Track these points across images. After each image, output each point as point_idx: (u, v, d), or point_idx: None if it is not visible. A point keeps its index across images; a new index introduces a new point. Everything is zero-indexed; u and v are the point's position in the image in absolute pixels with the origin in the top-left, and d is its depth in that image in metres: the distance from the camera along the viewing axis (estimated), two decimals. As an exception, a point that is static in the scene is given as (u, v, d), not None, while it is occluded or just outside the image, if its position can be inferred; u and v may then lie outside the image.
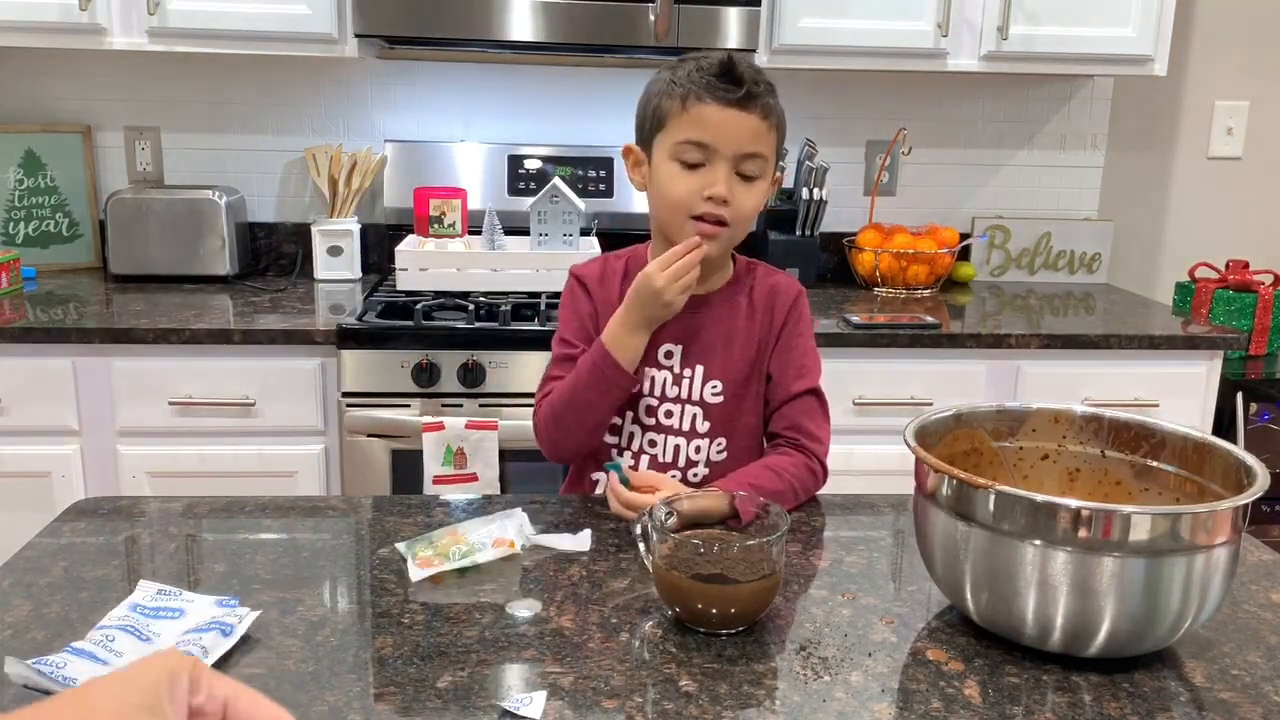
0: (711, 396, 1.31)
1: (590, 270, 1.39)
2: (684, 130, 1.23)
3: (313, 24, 2.18)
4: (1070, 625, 0.86)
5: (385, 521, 1.17)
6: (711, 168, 1.23)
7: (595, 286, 1.36)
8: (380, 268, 2.57)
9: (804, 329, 1.34)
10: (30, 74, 2.50)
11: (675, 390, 1.31)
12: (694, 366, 1.32)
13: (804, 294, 1.36)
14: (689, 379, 1.31)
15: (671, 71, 1.27)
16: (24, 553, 1.07)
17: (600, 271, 1.38)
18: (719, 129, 1.22)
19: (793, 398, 1.31)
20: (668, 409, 1.32)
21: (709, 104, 1.21)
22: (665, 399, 1.32)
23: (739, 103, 1.21)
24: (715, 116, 1.21)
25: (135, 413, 2.01)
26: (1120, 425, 1.05)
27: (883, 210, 2.71)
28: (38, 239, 2.50)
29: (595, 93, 2.62)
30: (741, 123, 1.22)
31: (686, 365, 1.32)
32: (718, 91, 1.21)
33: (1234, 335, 2.20)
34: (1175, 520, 0.83)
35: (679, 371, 1.32)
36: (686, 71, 1.24)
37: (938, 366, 2.14)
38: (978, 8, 2.30)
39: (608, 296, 1.35)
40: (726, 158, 1.22)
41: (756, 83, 1.22)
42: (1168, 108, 2.77)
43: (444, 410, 1.99)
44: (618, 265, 1.38)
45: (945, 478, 0.90)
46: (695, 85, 1.22)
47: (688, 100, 1.23)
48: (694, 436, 1.32)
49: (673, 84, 1.25)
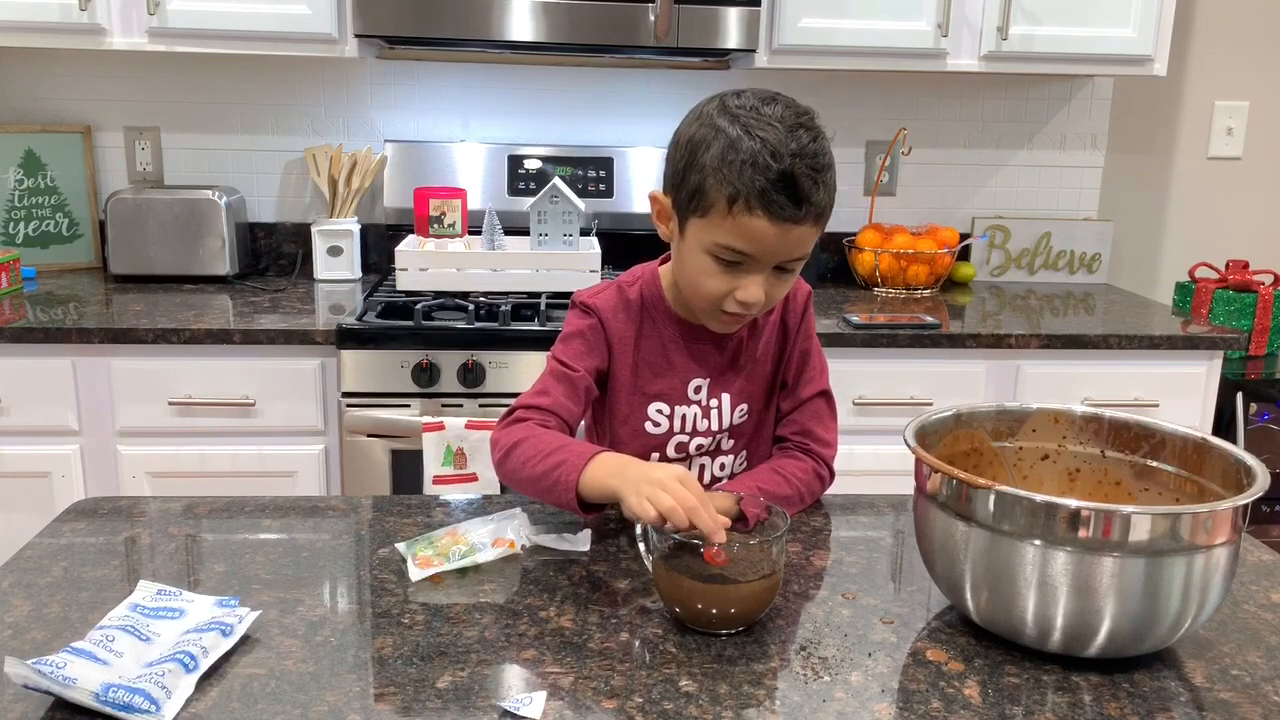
0: (739, 419, 1.28)
1: (604, 300, 1.26)
2: (726, 235, 1.09)
3: (313, 24, 2.18)
4: (1070, 625, 0.86)
5: (385, 522, 1.17)
6: (750, 272, 1.12)
7: (610, 318, 1.25)
8: (380, 268, 2.57)
9: (813, 330, 1.32)
10: (30, 74, 2.50)
11: (705, 423, 1.27)
12: (720, 395, 1.27)
13: (811, 293, 1.32)
14: (717, 408, 1.27)
15: (724, 140, 1.07)
16: (24, 553, 1.07)
17: (615, 302, 1.26)
18: (766, 243, 1.09)
19: (803, 402, 1.29)
20: (698, 442, 1.28)
21: (759, 217, 1.06)
22: (696, 433, 1.27)
23: (793, 219, 1.07)
24: (764, 231, 1.07)
25: (135, 413, 2.01)
26: (1120, 425, 1.05)
27: (883, 210, 2.71)
28: (38, 239, 2.50)
29: (595, 93, 2.62)
30: (791, 236, 1.08)
31: (714, 396, 1.27)
32: (773, 206, 1.06)
33: (1234, 335, 2.20)
34: (1175, 520, 0.83)
35: (707, 404, 1.27)
36: (741, 162, 1.06)
37: (938, 366, 2.14)
38: (978, 8, 2.31)
39: (622, 332, 1.25)
40: (769, 265, 1.11)
41: (816, 184, 1.07)
42: (1168, 108, 2.77)
43: (444, 410, 1.99)
44: (632, 295, 1.26)
45: (945, 478, 0.90)
46: (748, 191, 1.06)
47: (736, 205, 1.07)
48: (719, 454, 1.30)
49: (722, 173, 1.07)
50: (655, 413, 1.27)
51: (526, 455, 1.11)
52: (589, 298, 1.26)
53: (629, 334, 1.25)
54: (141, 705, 0.77)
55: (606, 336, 1.25)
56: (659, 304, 1.25)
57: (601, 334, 1.24)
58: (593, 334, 1.24)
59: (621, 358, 1.25)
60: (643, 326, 1.25)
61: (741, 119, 1.08)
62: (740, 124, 1.07)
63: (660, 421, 1.27)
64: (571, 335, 1.25)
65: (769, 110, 1.08)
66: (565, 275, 2.19)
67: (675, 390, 1.26)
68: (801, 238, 1.09)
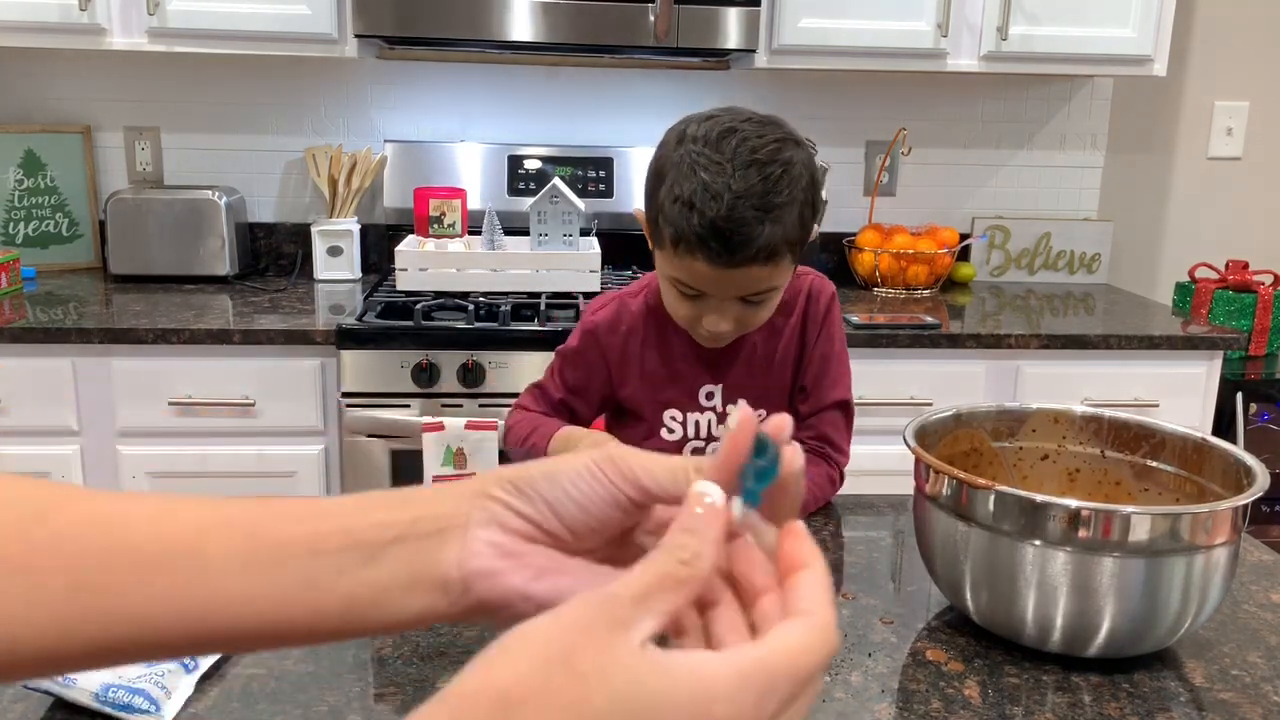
0: None
1: (603, 318, 1.28)
2: (676, 271, 1.10)
3: (313, 24, 2.18)
4: (1070, 625, 0.86)
5: (385, 521, 1.17)
6: (709, 301, 1.11)
7: (607, 336, 1.27)
8: (380, 268, 2.56)
9: (836, 333, 1.29)
10: (30, 74, 2.50)
11: (720, 429, 1.27)
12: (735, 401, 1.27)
13: (835, 295, 1.30)
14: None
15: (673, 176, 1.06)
16: (24, 553, 1.06)
17: (613, 317, 1.27)
18: (713, 284, 1.09)
19: (822, 409, 1.28)
20: (714, 448, 1.28)
21: (699, 260, 1.06)
22: (712, 439, 1.28)
23: (731, 264, 1.05)
24: (706, 273, 1.07)
25: (135, 413, 2.01)
26: (1120, 425, 1.05)
27: (882, 210, 2.71)
28: (38, 239, 2.50)
29: (595, 93, 2.62)
30: (738, 277, 1.07)
31: (729, 401, 1.27)
32: (709, 251, 1.04)
33: (1234, 335, 2.20)
34: (1175, 520, 0.83)
35: (721, 410, 1.27)
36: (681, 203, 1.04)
37: (938, 367, 2.14)
38: (977, 8, 2.30)
39: (622, 346, 1.27)
40: (727, 298, 1.11)
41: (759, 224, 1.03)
42: (1167, 108, 2.77)
43: (444, 410, 1.99)
44: (634, 305, 1.27)
45: (945, 478, 0.90)
46: (686, 234, 1.04)
47: (679, 246, 1.06)
48: None
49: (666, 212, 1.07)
50: (670, 419, 1.28)
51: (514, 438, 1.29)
52: (589, 317, 1.29)
53: (632, 347, 1.26)
54: (141, 705, 0.77)
55: (604, 357, 1.27)
56: (661, 310, 1.25)
57: (597, 355, 1.28)
58: (583, 358, 1.29)
59: (627, 370, 1.27)
60: (647, 336, 1.26)
61: (691, 155, 1.05)
62: (689, 160, 1.05)
63: (674, 428, 1.28)
64: (566, 354, 1.31)
65: (725, 144, 1.04)
66: (565, 275, 2.19)
67: (686, 397, 1.26)
68: (755, 276, 1.08)
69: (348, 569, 0.43)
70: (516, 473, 0.45)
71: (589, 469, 0.44)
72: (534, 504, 0.44)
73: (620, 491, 0.44)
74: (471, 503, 0.45)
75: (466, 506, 0.44)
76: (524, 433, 1.27)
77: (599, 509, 0.44)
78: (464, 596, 0.44)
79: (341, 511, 0.45)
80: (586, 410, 1.33)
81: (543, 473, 0.45)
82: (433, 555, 0.44)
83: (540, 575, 0.44)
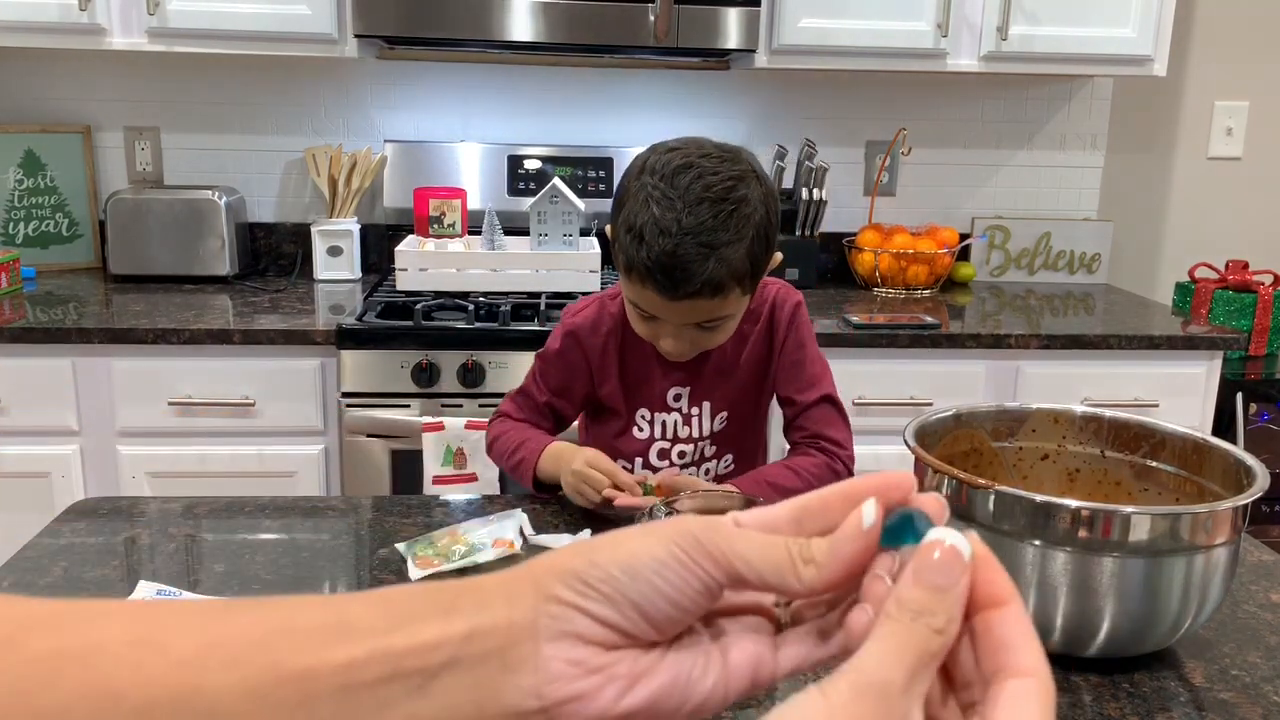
0: (719, 425, 1.30)
1: (582, 320, 1.30)
2: (630, 293, 1.14)
3: (313, 24, 2.18)
4: (1070, 625, 0.86)
5: (385, 522, 1.17)
6: (666, 326, 1.15)
7: (588, 337, 1.30)
8: (380, 268, 2.57)
9: (805, 338, 1.30)
10: (30, 74, 2.50)
11: (686, 430, 1.30)
12: (701, 403, 1.29)
13: (801, 303, 1.31)
14: (698, 416, 1.29)
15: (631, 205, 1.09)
16: (24, 553, 1.07)
17: (594, 318, 1.30)
18: (664, 311, 1.12)
19: (807, 408, 1.29)
20: (680, 449, 1.30)
21: (650, 290, 1.09)
22: (677, 440, 1.30)
23: (678, 296, 1.08)
24: (656, 302, 1.11)
25: (135, 413, 2.01)
26: (1120, 425, 1.05)
27: (882, 210, 2.71)
28: (38, 239, 2.50)
29: (595, 93, 2.62)
30: (685, 308, 1.10)
31: (694, 404, 1.29)
32: (656, 283, 1.08)
33: (1234, 335, 2.20)
34: (1175, 520, 0.83)
35: (687, 412, 1.29)
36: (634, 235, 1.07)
37: (938, 367, 2.14)
38: (977, 8, 2.31)
39: (603, 345, 1.29)
40: (679, 324, 1.14)
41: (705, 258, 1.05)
42: (1167, 108, 2.77)
43: (444, 410, 1.99)
44: (613, 308, 1.29)
45: (945, 478, 0.90)
46: (637, 264, 1.08)
47: (631, 274, 1.11)
48: (703, 462, 1.32)
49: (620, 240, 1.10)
50: (640, 419, 1.31)
51: (500, 450, 1.30)
52: (570, 319, 1.31)
53: (611, 346, 1.29)
54: None
55: (585, 357, 1.30)
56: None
57: (578, 356, 1.30)
58: (564, 359, 1.30)
59: (607, 370, 1.29)
60: (625, 337, 1.28)
61: (648, 187, 1.08)
62: (645, 192, 1.09)
63: (644, 427, 1.31)
64: (548, 357, 1.32)
65: (679, 179, 1.07)
66: (565, 275, 2.19)
67: (655, 398, 1.29)
68: (703, 308, 1.11)
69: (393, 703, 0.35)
70: (584, 565, 0.38)
71: (676, 558, 0.37)
72: (617, 607, 0.37)
73: (713, 579, 0.38)
74: (536, 609, 0.37)
75: (529, 614, 0.37)
76: (509, 446, 1.28)
77: (692, 602, 0.38)
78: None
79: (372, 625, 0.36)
80: (570, 410, 1.35)
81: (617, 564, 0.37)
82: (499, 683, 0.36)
83: (632, 685, 0.38)
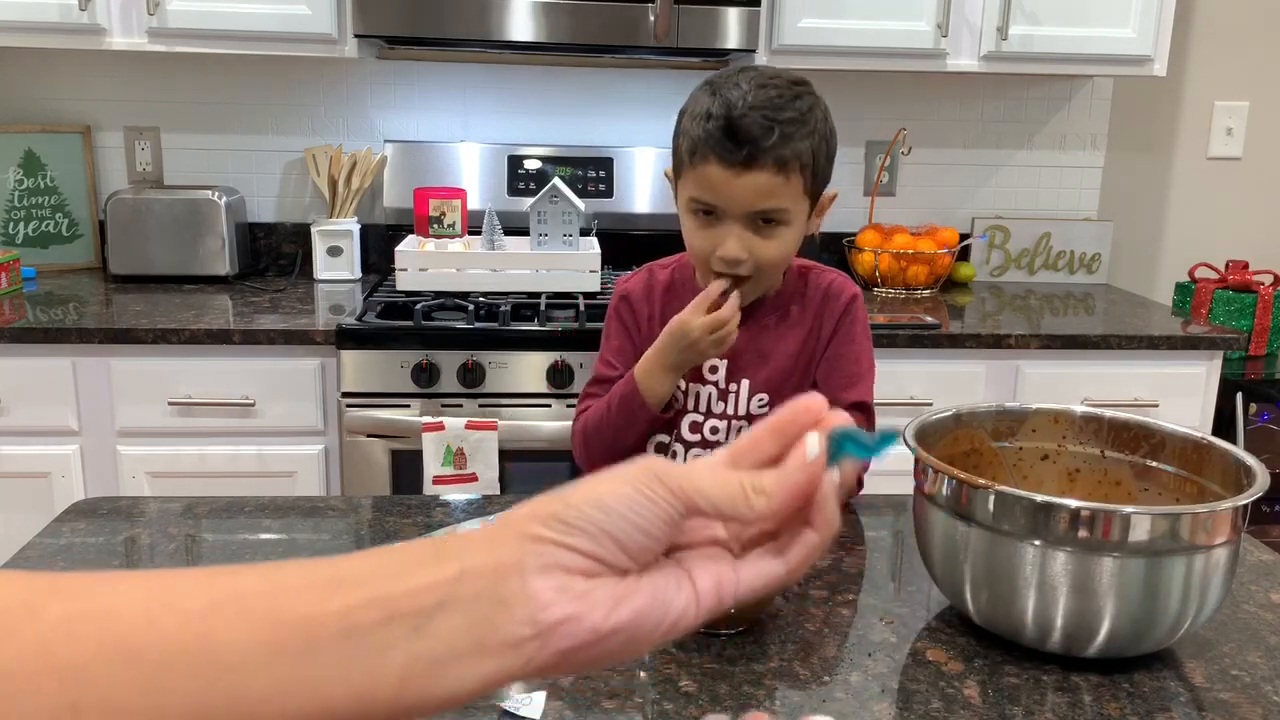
0: (758, 409, 1.27)
1: (635, 284, 1.33)
2: (691, 187, 1.15)
3: (313, 24, 2.18)
4: (1070, 625, 0.86)
5: (385, 521, 1.17)
6: (723, 225, 1.15)
7: (640, 302, 1.31)
8: (380, 268, 2.56)
9: (857, 334, 1.29)
10: (30, 74, 2.50)
11: (721, 406, 1.28)
12: (739, 380, 1.27)
13: (858, 296, 1.30)
14: (734, 394, 1.27)
15: (695, 102, 1.15)
16: (24, 553, 1.07)
17: (645, 285, 1.32)
18: (723, 191, 1.13)
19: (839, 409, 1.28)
20: (713, 425, 1.28)
21: (712, 163, 1.11)
22: (711, 414, 1.28)
23: (743, 163, 1.10)
24: (718, 178, 1.12)
25: (135, 413, 2.01)
26: (1120, 425, 1.05)
27: (882, 210, 2.71)
28: (38, 239, 2.50)
29: (595, 93, 2.62)
30: (748, 184, 1.11)
31: (732, 380, 1.28)
32: (720, 149, 1.10)
33: (1234, 335, 2.20)
34: (1175, 520, 0.83)
35: (724, 386, 1.28)
36: (699, 116, 1.12)
37: (938, 366, 2.14)
38: (977, 8, 2.31)
39: (651, 312, 1.30)
40: (736, 216, 1.14)
41: (769, 130, 1.09)
42: (1167, 108, 2.77)
43: (444, 410, 1.99)
44: (662, 276, 1.32)
45: (945, 478, 0.90)
46: (701, 139, 1.11)
47: (695, 155, 1.13)
48: None
49: (684, 129, 1.14)
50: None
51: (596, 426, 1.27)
52: (622, 283, 1.35)
53: (656, 311, 1.30)
54: None
55: (635, 319, 1.32)
56: (687, 284, 1.29)
57: (630, 318, 1.32)
58: (619, 323, 1.32)
59: (651, 333, 1.28)
60: (668, 306, 1.28)
61: (715, 84, 1.14)
62: (711, 87, 1.14)
63: (677, 396, 1.28)
64: (610, 333, 1.33)
65: (745, 74, 1.13)
66: (565, 275, 2.19)
67: (693, 369, 1.27)
68: (764, 186, 1.12)
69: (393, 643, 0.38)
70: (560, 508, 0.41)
71: (643, 494, 0.42)
72: (595, 539, 0.41)
73: (675, 511, 0.43)
74: (519, 549, 0.40)
75: (515, 554, 0.40)
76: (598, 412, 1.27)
77: (660, 530, 0.43)
78: (541, 651, 0.40)
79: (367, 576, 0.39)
80: None
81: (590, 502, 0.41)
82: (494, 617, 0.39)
83: (616, 605, 0.41)
